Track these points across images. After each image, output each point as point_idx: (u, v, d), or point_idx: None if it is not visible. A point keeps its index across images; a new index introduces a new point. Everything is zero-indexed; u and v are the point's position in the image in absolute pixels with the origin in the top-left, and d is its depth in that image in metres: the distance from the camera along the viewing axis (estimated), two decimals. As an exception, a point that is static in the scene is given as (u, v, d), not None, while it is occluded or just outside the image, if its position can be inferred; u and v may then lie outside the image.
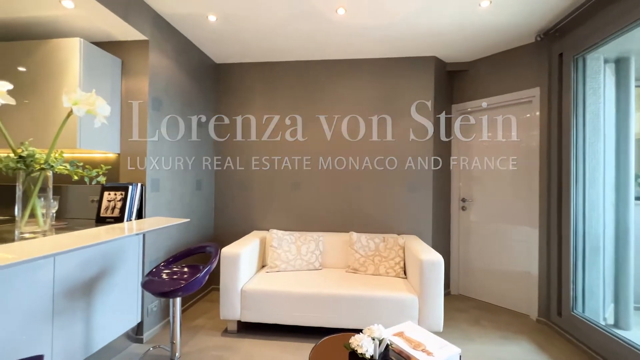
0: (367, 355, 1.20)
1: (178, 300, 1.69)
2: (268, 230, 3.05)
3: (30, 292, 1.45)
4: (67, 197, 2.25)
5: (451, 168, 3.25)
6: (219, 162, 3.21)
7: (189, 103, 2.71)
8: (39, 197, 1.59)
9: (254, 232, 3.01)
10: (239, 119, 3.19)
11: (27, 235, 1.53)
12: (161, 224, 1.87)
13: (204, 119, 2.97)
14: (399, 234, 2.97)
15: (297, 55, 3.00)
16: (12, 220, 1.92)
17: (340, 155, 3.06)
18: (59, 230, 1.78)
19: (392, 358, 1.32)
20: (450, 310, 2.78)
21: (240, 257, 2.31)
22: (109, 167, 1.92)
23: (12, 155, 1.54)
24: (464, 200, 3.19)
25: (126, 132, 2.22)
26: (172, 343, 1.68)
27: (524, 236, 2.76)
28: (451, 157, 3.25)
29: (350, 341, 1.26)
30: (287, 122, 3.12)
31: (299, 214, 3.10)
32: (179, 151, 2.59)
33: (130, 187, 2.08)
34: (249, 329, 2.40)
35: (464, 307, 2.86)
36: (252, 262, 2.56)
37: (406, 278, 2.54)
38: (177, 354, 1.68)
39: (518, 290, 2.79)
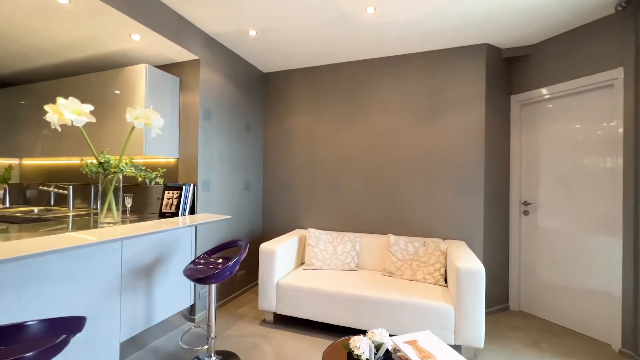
0: (363, 358, 1.18)
1: (213, 287, 1.91)
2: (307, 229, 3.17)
3: (105, 270, 1.82)
4: (141, 196, 2.73)
5: (510, 167, 2.88)
6: (266, 164, 3.46)
7: (237, 111, 3.00)
8: (114, 195, 2.00)
9: (296, 231, 3.15)
10: (284, 123, 3.39)
11: (104, 225, 1.94)
12: (206, 219, 2.13)
13: (251, 124, 3.25)
14: (443, 239, 2.77)
15: (335, 57, 3.04)
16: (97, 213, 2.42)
17: (381, 155, 2.99)
18: (131, 222, 2.18)
19: (395, 365, 1.28)
20: (503, 328, 2.47)
21: (276, 253, 2.46)
22: (164, 170, 2.27)
23: (94, 161, 1.96)
24: (525, 203, 2.79)
25: (183, 139, 2.59)
26: (208, 325, 1.90)
27: (603, 247, 2.29)
28: (510, 155, 2.88)
29: (349, 341, 1.26)
30: (329, 123, 3.19)
31: (339, 214, 3.14)
32: (228, 155, 2.89)
33: (184, 187, 2.42)
34: (284, 321, 2.54)
35: (522, 326, 2.51)
36: (290, 258, 2.70)
37: (447, 286, 2.36)
38: (212, 335, 1.89)
39: (595, 313, 2.32)
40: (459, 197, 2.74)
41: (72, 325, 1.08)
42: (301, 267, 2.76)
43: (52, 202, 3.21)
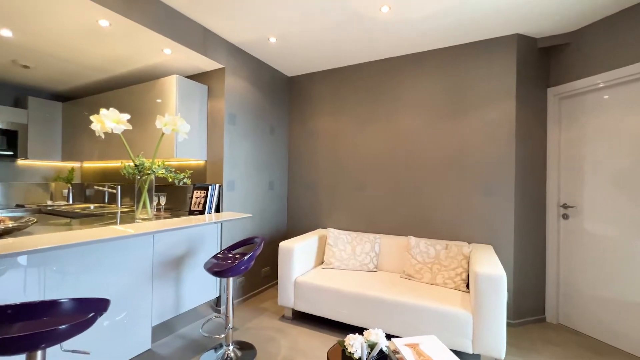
0: (355, 356, 1.20)
1: (231, 280, 2.04)
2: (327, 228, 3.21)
3: (139, 260, 2.04)
4: (176, 195, 2.98)
5: (547, 167, 2.64)
6: (291, 165, 3.57)
7: (261, 114, 3.15)
8: (148, 194, 2.23)
9: (318, 230, 3.21)
10: (308, 124, 3.46)
11: (139, 220, 2.17)
12: (228, 217, 2.29)
13: (275, 127, 3.37)
14: (469, 243, 2.63)
15: (355, 58, 3.04)
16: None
17: (404, 155, 2.93)
18: (164, 218, 2.41)
19: (391, 366, 1.27)
20: (535, 340, 2.28)
21: (294, 251, 2.54)
22: (191, 171, 2.46)
23: (131, 164, 2.20)
24: (565, 206, 2.54)
25: (211, 143, 2.78)
26: (226, 316, 2.03)
27: (658, 258, 2.01)
28: (547, 153, 2.64)
29: (345, 339, 1.28)
30: (352, 123, 3.20)
31: (361, 215, 3.13)
32: (252, 157, 3.04)
33: (210, 187, 2.61)
34: (302, 317, 2.61)
35: (558, 340, 2.29)
36: (310, 256, 2.76)
37: (468, 292, 2.24)
38: (229, 325, 2.02)
39: (648, 332, 2.05)
40: (486, 198, 2.59)
41: (98, 305, 1.25)
42: (320, 266, 2.81)
43: (106, 200, 3.65)
